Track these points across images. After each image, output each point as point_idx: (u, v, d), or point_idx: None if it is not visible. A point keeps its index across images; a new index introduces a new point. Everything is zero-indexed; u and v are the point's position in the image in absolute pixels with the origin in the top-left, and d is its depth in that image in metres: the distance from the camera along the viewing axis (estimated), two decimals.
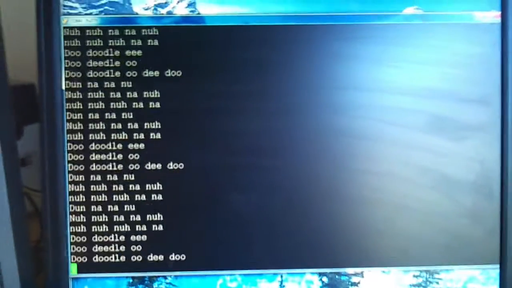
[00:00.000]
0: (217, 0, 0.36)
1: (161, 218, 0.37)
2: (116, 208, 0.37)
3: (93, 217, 0.37)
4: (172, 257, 0.37)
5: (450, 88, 0.37)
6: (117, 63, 0.36)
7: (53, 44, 0.36)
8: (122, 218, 0.37)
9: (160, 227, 0.37)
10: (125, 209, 0.37)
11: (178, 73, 0.36)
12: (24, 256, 0.36)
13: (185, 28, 0.36)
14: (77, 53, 0.36)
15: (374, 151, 0.37)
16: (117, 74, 0.36)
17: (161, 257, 0.37)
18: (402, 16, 0.37)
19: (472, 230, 0.37)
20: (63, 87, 0.36)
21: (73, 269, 0.37)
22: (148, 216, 0.37)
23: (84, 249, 0.37)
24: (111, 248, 0.37)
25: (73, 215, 0.37)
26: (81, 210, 0.37)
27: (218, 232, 0.37)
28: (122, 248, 0.37)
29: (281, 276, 0.37)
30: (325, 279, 0.37)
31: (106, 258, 0.37)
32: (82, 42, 0.36)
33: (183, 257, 0.37)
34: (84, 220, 0.37)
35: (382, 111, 0.37)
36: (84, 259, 0.37)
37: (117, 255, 0.37)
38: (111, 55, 0.36)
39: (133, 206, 0.37)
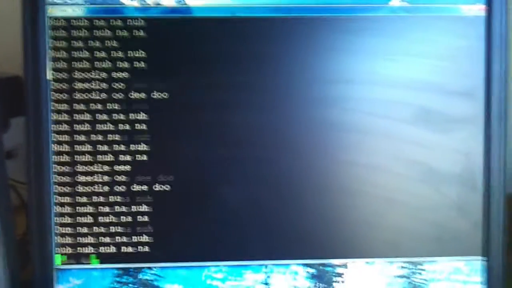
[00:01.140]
0: None
1: (148, 219, 0.37)
2: (101, 200, 0.37)
3: (78, 208, 0.37)
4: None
5: (436, 81, 0.37)
6: (104, 54, 0.36)
7: (39, 35, 0.36)
8: (107, 209, 0.37)
9: (146, 228, 0.37)
10: (113, 207, 0.37)
11: (166, 65, 0.36)
12: (10, 249, 0.35)
13: (172, 19, 0.36)
14: (63, 44, 0.36)
15: (362, 143, 0.37)
16: (103, 64, 0.36)
17: None
18: (389, 8, 0.37)
19: (457, 222, 0.37)
20: (49, 78, 0.36)
21: (58, 260, 0.37)
22: (135, 217, 0.37)
23: (69, 240, 0.37)
24: (97, 240, 0.37)
25: (59, 206, 0.37)
26: (67, 201, 0.37)
27: (204, 223, 0.37)
28: (108, 249, 0.37)
29: (267, 267, 0.37)
30: (310, 270, 0.37)
31: (92, 249, 0.37)
32: (67, 32, 0.36)
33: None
34: (70, 211, 0.37)
35: (371, 103, 0.37)
36: (70, 250, 0.37)
37: (102, 248, 0.37)
38: (97, 45, 0.36)
39: (121, 207, 0.37)
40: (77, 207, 0.37)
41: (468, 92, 0.37)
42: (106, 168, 0.37)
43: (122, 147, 0.37)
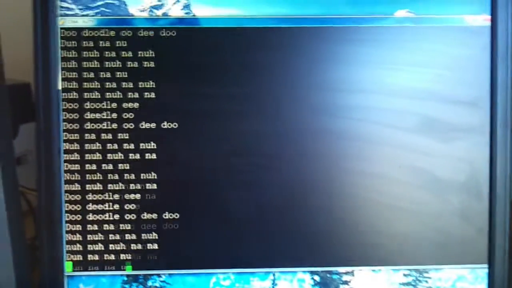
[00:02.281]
0: (212, 2, 0.37)
1: (156, 227, 0.37)
2: (111, 207, 0.37)
3: (88, 216, 0.37)
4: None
5: (441, 90, 0.37)
6: (113, 64, 0.37)
7: (50, 45, 0.36)
8: (117, 217, 0.37)
9: (155, 236, 0.37)
10: (121, 209, 0.37)
11: (174, 75, 0.37)
12: (20, 254, 0.36)
13: (180, 30, 0.37)
14: (74, 54, 0.37)
15: (366, 152, 0.37)
16: (114, 74, 0.37)
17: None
18: (394, 19, 0.37)
19: (462, 230, 0.38)
20: (60, 87, 0.37)
21: (68, 267, 0.37)
22: (142, 215, 0.37)
23: (79, 247, 0.37)
24: (106, 247, 0.37)
25: (69, 214, 0.37)
26: (77, 208, 0.37)
27: (212, 231, 0.37)
28: (117, 256, 0.37)
29: (274, 275, 0.38)
30: (316, 277, 0.38)
31: (101, 256, 0.37)
32: (78, 43, 0.37)
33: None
34: (79, 218, 0.37)
35: (375, 112, 0.37)
36: (79, 257, 0.37)
37: (111, 255, 0.37)
38: (108, 55, 0.37)
39: (130, 205, 0.37)
40: (87, 215, 0.37)
41: (473, 102, 0.38)
42: (116, 176, 0.37)
43: (131, 155, 0.37)
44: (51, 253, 0.37)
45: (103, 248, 0.37)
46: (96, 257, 0.37)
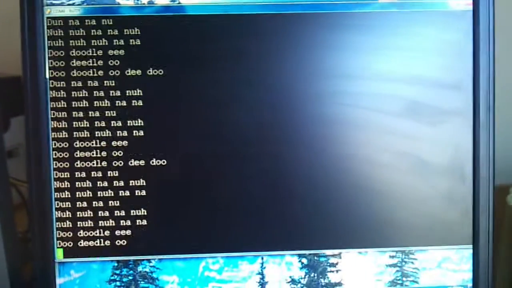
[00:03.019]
0: None
1: (145, 213, 0.38)
2: (100, 203, 0.37)
3: (78, 203, 0.37)
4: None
5: (425, 74, 0.38)
6: (100, 53, 0.37)
7: (37, 34, 0.36)
8: (106, 213, 0.38)
9: (144, 222, 0.38)
10: (111, 202, 0.37)
11: (161, 64, 0.37)
12: (12, 246, 0.36)
13: (166, 18, 0.37)
14: (61, 43, 0.37)
15: (352, 136, 0.38)
16: (100, 63, 0.37)
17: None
18: (379, 4, 0.37)
19: (447, 212, 0.38)
20: (47, 76, 0.37)
21: (59, 254, 0.37)
22: (132, 211, 0.38)
23: (69, 234, 0.37)
24: (97, 234, 0.37)
25: (58, 201, 0.37)
26: (66, 196, 0.37)
27: (200, 216, 0.38)
28: (107, 242, 0.38)
29: (262, 258, 0.38)
30: (304, 260, 0.38)
31: (92, 243, 0.37)
32: (65, 32, 0.37)
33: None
34: (70, 205, 0.37)
35: (361, 97, 0.38)
36: (70, 244, 0.37)
37: (102, 250, 0.38)
38: (94, 44, 0.37)
39: (118, 202, 0.38)
40: (77, 202, 0.37)
41: (456, 85, 0.38)
42: (104, 164, 0.37)
43: (120, 142, 0.37)
44: (42, 241, 0.37)
45: (93, 234, 0.37)
46: (87, 243, 0.37)
